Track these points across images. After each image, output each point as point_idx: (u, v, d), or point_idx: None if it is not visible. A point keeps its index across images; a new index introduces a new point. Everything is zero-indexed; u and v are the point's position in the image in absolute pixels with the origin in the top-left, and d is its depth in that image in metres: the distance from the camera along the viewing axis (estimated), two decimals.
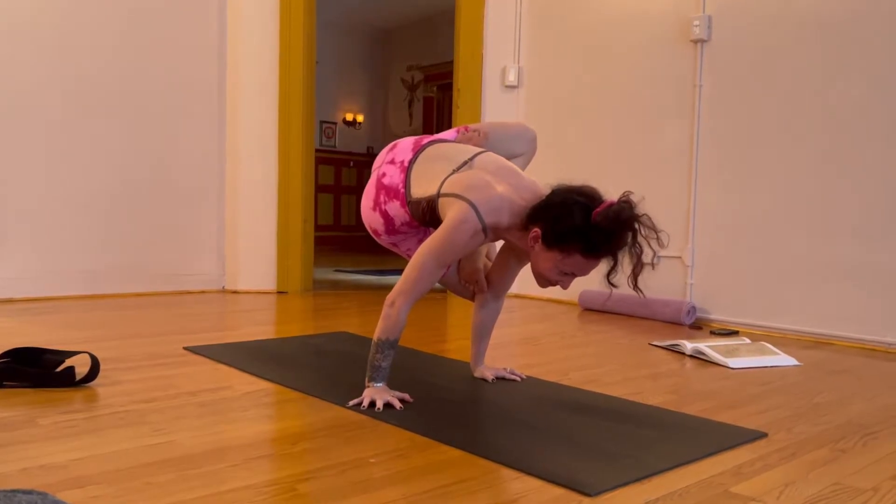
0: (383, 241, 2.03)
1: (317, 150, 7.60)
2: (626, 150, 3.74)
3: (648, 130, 3.64)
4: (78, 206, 3.68)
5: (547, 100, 4.10)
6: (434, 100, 8.95)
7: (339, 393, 1.85)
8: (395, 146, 2.03)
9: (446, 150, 1.93)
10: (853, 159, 2.93)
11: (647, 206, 4.08)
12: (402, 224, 1.94)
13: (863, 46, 2.90)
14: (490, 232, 1.75)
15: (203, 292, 4.06)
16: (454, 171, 1.83)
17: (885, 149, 2.84)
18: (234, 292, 4.08)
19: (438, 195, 1.81)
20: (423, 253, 1.75)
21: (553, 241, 1.68)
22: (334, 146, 9.14)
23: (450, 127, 2.50)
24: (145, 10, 3.85)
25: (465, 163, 1.85)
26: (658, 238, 1.61)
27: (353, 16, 8.75)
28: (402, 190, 1.90)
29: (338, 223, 9.15)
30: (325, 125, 9.01)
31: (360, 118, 9.40)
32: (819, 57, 3.02)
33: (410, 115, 9.28)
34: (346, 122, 9.26)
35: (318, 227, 8.36)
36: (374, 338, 1.78)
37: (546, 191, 1.80)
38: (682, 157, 3.49)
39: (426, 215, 1.87)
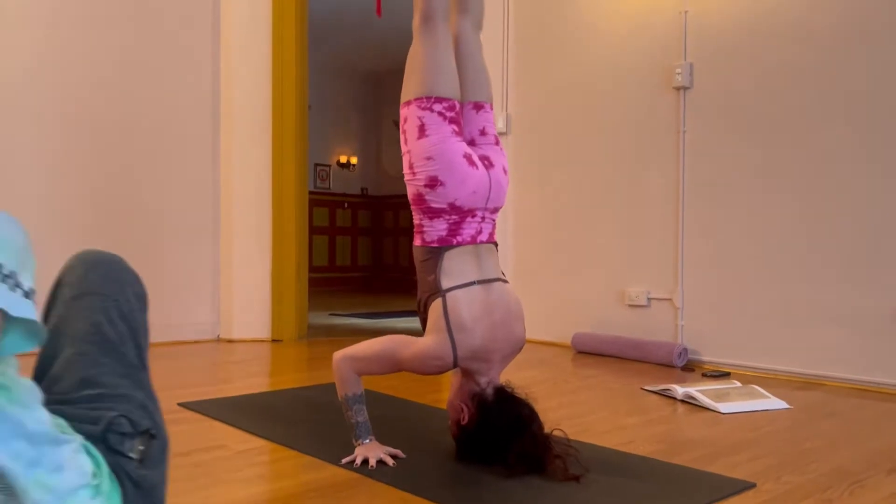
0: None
1: (311, 193, 7.64)
2: (613, 194, 3.79)
3: (635, 174, 3.70)
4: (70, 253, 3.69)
5: (535, 146, 4.17)
6: None
7: (333, 450, 1.87)
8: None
9: (483, 255, 1.83)
10: (836, 202, 2.99)
11: (636, 248, 4.09)
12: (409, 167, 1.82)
13: (842, 90, 2.98)
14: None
15: (197, 342, 4.06)
16: (465, 286, 1.75)
17: (868, 192, 2.90)
18: (229, 341, 4.10)
19: (440, 293, 1.74)
20: (388, 351, 1.75)
21: (470, 428, 1.75)
22: (329, 188, 9.22)
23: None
24: (138, 54, 3.91)
25: (483, 282, 1.78)
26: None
27: (345, 60, 8.90)
28: (423, 198, 1.79)
29: (333, 264, 9.19)
30: (319, 168, 9.10)
31: (353, 160, 9.50)
32: (799, 101, 3.10)
33: None
34: (339, 165, 9.36)
35: (312, 269, 8.37)
36: (339, 397, 1.80)
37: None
38: (669, 199, 3.55)
39: (423, 269, 1.80)
